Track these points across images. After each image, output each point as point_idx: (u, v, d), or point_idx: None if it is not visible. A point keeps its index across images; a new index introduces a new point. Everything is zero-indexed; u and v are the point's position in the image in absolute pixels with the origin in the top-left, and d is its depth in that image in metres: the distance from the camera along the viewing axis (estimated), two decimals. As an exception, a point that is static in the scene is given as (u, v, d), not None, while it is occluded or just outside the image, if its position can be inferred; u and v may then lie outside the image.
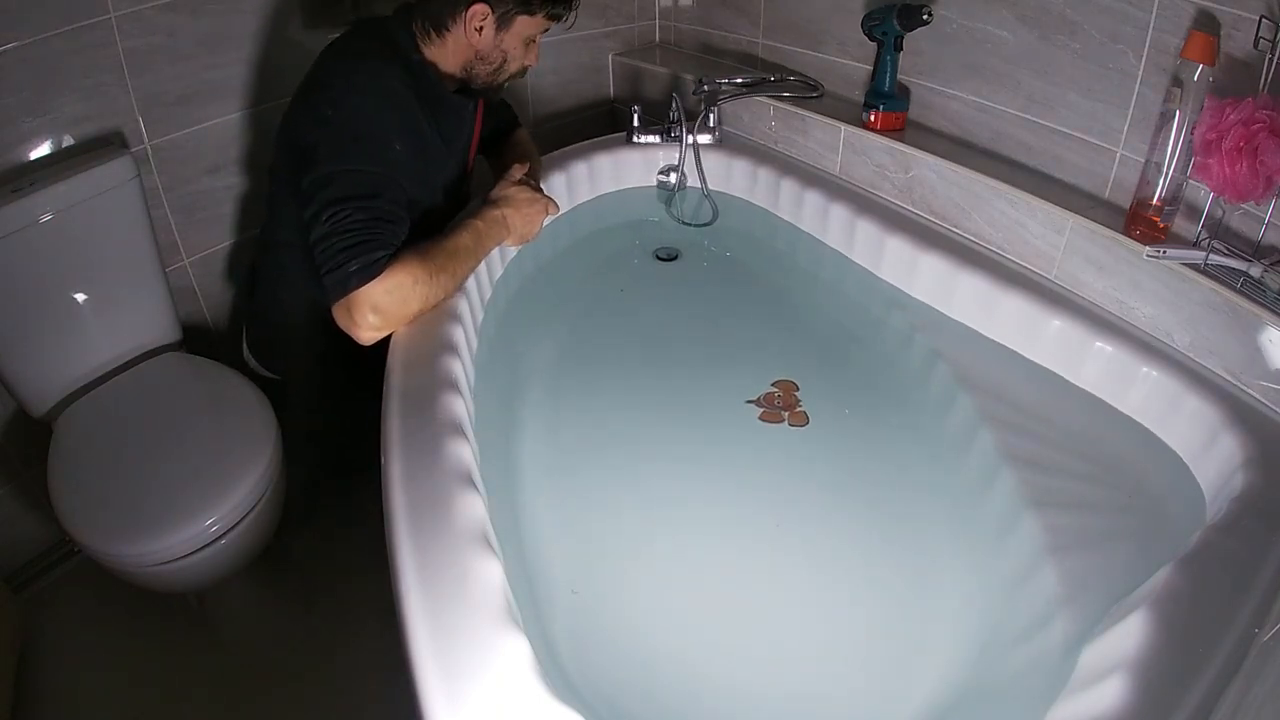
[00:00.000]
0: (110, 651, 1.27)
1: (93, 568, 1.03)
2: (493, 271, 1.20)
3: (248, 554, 1.08)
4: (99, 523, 0.99)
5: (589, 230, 1.42)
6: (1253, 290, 0.84)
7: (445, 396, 0.84)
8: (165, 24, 1.20)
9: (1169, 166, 0.89)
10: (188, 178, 1.33)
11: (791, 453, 0.96)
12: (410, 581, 0.63)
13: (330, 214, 0.90)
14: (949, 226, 1.19)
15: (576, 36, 1.80)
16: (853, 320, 1.20)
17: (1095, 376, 0.98)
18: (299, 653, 1.26)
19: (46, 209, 1.08)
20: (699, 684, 0.73)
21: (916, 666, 0.73)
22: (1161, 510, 0.84)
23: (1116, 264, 0.97)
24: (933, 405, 1.03)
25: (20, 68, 1.09)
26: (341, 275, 0.88)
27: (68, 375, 1.20)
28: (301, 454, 1.25)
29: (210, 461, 1.07)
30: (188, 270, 1.39)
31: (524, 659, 0.57)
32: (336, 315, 0.91)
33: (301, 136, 0.99)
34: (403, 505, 0.71)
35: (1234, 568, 0.67)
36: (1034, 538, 0.81)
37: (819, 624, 0.78)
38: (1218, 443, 0.84)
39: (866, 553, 0.85)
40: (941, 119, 1.27)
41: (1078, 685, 0.62)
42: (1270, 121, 0.78)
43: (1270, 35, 0.80)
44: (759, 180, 1.42)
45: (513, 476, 0.91)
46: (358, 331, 0.91)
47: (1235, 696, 0.56)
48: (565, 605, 0.77)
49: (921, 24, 1.14)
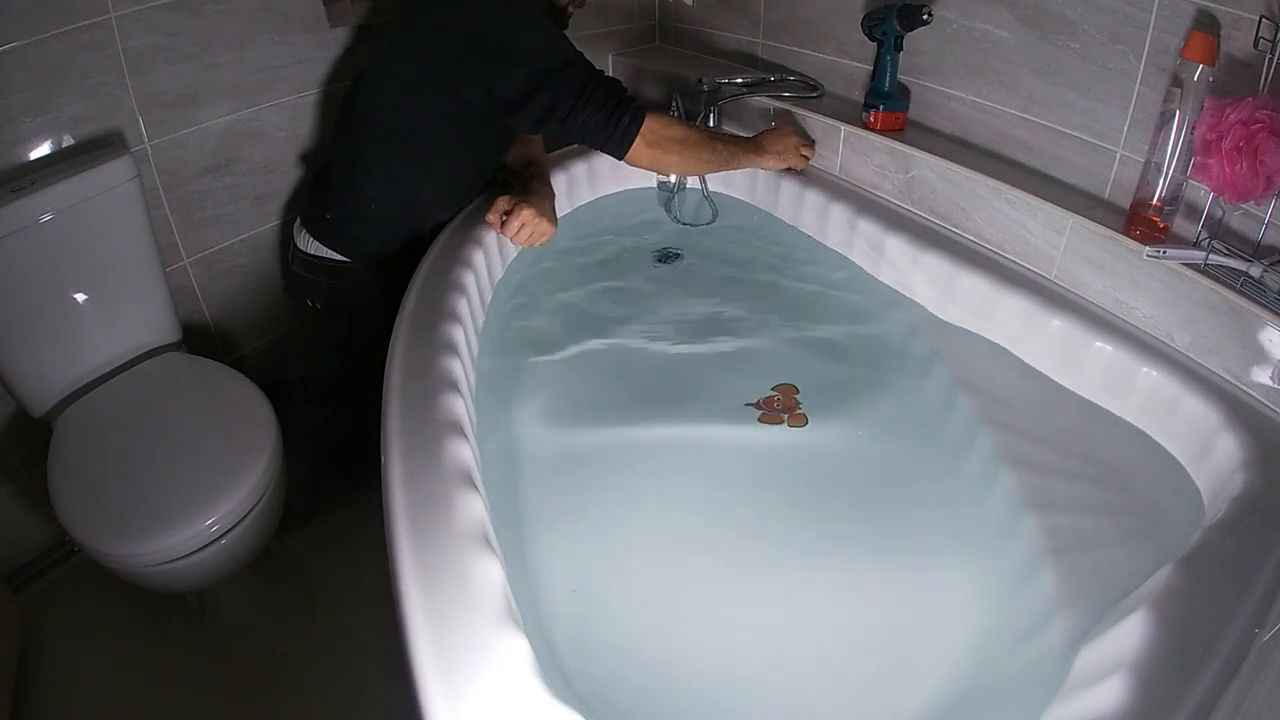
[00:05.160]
0: (110, 651, 1.27)
1: (93, 568, 1.03)
2: (494, 272, 1.20)
3: (248, 554, 1.08)
4: (99, 523, 0.99)
5: (589, 231, 1.42)
6: (1253, 290, 0.84)
7: (445, 396, 0.84)
8: (165, 24, 1.20)
9: (1169, 166, 0.89)
10: (188, 178, 1.33)
11: (791, 454, 0.96)
12: (410, 581, 0.63)
13: (585, 99, 1.06)
14: (949, 227, 1.19)
15: (577, 36, 1.79)
16: (852, 321, 1.20)
17: (1095, 377, 0.98)
18: (299, 653, 1.26)
19: (46, 209, 1.08)
20: (699, 684, 0.72)
21: (917, 666, 0.73)
22: (1161, 511, 0.84)
23: (1116, 264, 0.97)
24: (932, 406, 1.03)
25: (20, 68, 1.09)
26: (621, 132, 1.09)
27: (68, 375, 1.20)
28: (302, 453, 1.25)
29: (210, 461, 1.07)
30: (188, 270, 1.39)
31: (524, 659, 0.57)
32: (630, 159, 1.12)
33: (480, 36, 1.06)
34: (403, 505, 0.71)
35: (1234, 568, 0.67)
36: (1033, 538, 0.81)
37: (819, 624, 0.78)
38: (1217, 443, 0.84)
39: (866, 553, 0.85)
40: (941, 119, 1.27)
41: (1077, 685, 0.62)
42: (1270, 121, 0.78)
43: (1270, 35, 0.80)
44: (759, 180, 1.42)
45: (513, 476, 0.91)
46: (643, 159, 1.12)
47: (1235, 696, 0.56)
48: (565, 605, 0.77)
49: (921, 24, 1.14)
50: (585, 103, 1.07)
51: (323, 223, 1.24)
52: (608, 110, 1.08)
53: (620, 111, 1.09)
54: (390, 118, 1.15)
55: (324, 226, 1.24)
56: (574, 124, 1.08)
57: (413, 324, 0.97)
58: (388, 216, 1.23)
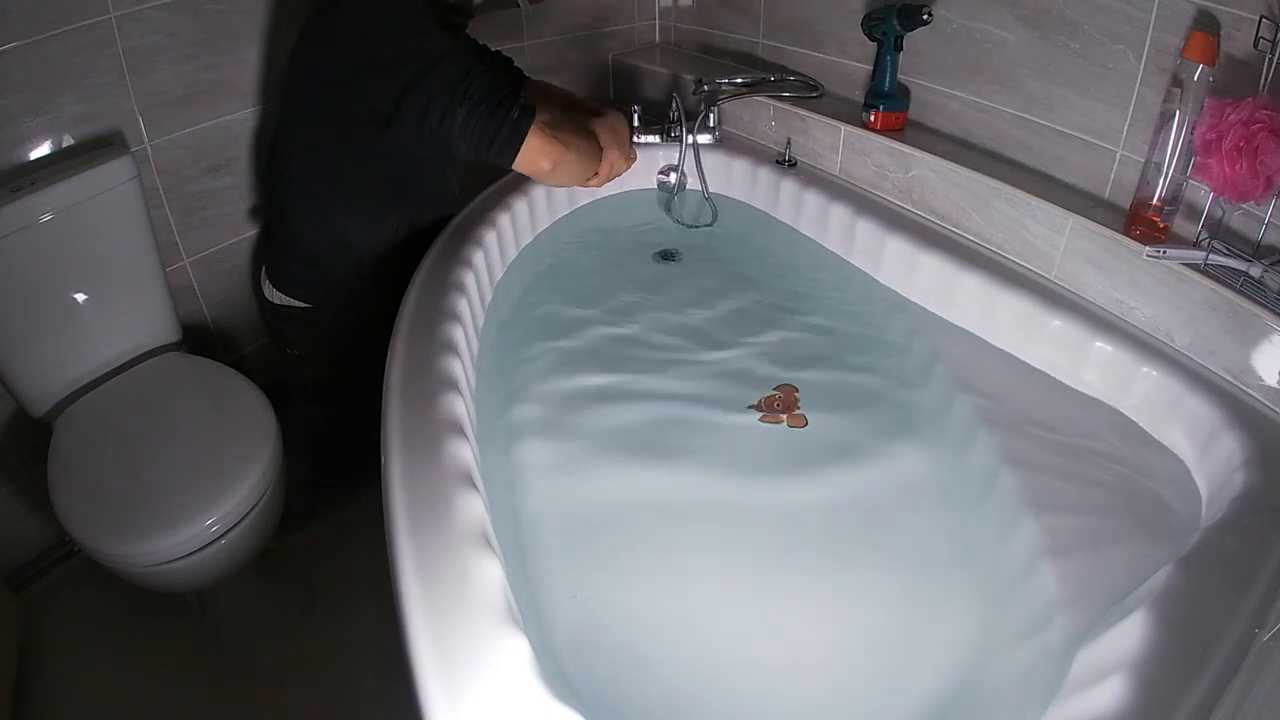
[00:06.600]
0: (110, 651, 1.27)
1: (93, 568, 1.03)
2: (493, 273, 1.20)
3: (248, 554, 1.08)
4: (99, 523, 0.99)
5: (589, 232, 1.42)
6: (1253, 290, 0.84)
7: (445, 396, 0.84)
8: (165, 24, 1.20)
9: (1169, 166, 0.89)
10: (188, 178, 1.33)
11: (791, 455, 0.96)
12: (410, 581, 0.63)
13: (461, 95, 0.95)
14: (949, 227, 1.19)
15: (577, 37, 1.80)
16: (852, 321, 1.20)
17: (1095, 377, 0.98)
18: (299, 653, 1.26)
19: (46, 209, 1.08)
20: (699, 684, 0.72)
21: (917, 666, 0.73)
22: (1161, 511, 0.84)
23: (1116, 264, 0.97)
24: (932, 407, 1.03)
25: (20, 68, 1.09)
26: (510, 128, 0.97)
27: (68, 375, 1.20)
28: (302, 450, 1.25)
29: (210, 461, 1.07)
30: (188, 270, 1.39)
31: (524, 659, 0.57)
32: (524, 162, 1.00)
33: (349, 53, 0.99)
34: (403, 505, 0.71)
35: (1234, 568, 0.67)
36: (1033, 538, 0.81)
37: (818, 624, 0.78)
38: (1217, 443, 0.84)
39: (866, 553, 0.85)
40: (941, 119, 1.27)
41: (1078, 685, 0.62)
42: (1270, 121, 0.78)
43: (1270, 35, 0.80)
44: (759, 180, 1.42)
45: (513, 476, 0.91)
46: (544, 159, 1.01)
47: (1235, 696, 0.56)
48: (565, 605, 0.77)
49: (921, 24, 1.14)
50: (463, 99, 0.94)
51: (278, 271, 1.24)
52: (490, 104, 0.95)
53: (507, 104, 0.96)
54: (301, 157, 1.12)
55: (281, 275, 1.24)
56: (452, 125, 0.96)
57: (413, 324, 0.97)
58: (329, 258, 1.20)
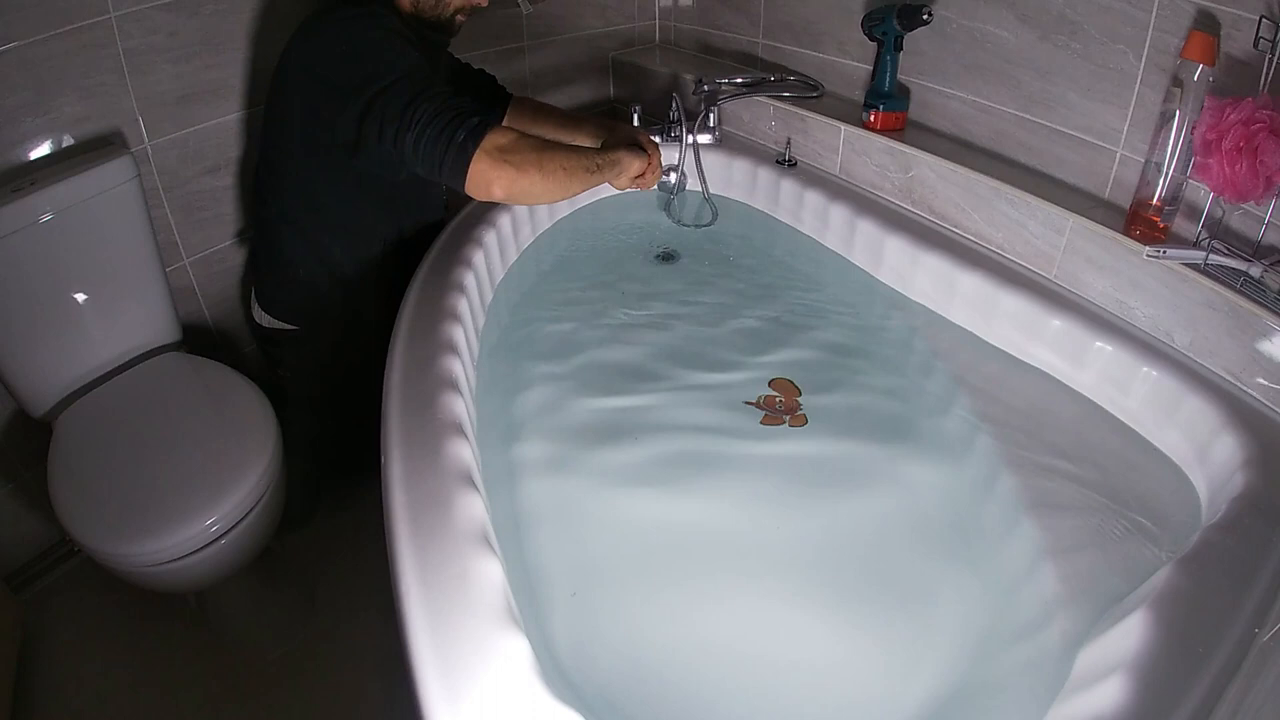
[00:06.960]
0: (110, 651, 1.27)
1: (93, 568, 1.03)
2: (494, 274, 1.21)
3: (248, 554, 1.08)
4: (99, 523, 0.99)
5: (589, 232, 1.42)
6: (1253, 290, 0.84)
7: (445, 396, 0.84)
8: (165, 24, 1.20)
9: (1169, 166, 0.89)
10: (188, 178, 1.33)
11: (792, 454, 0.96)
12: (410, 581, 0.63)
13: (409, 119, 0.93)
14: (949, 226, 1.19)
15: (577, 36, 1.80)
16: (853, 321, 1.20)
17: (1095, 377, 0.98)
18: (299, 652, 1.26)
19: (46, 209, 1.08)
20: (699, 684, 0.72)
21: (916, 666, 0.73)
22: (1161, 511, 0.84)
23: (1116, 264, 0.97)
24: (932, 406, 1.03)
25: (20, 68, 1.09)
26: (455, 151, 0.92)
27: (68, 375, 1.19)
28: (302, 453, 1.25)
29: (210, 461, 1.07)
30: (188, 270, 1.39)
31: (524, 659, 0.57)
32: (473, 187, 0.95)
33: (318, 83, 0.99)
34: (403, 505, 0.71)
35: (1234, 568, 0.67)
36: (1033, 538, 0.81)
37: (819, 623, 0.78)
38: (1218, 442, 0.84)
39: (866, 553, 0.85)
40: (941, 119, 1.27)
41: (1077, 685, 0.62)
42: (1270, 121, 0.78)
43: (1270, 35, 0.80)
44: (759, 180, 1.42)
45: (513, 476, 0.91)
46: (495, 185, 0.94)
47: (1235, 696, 0.56)
48: (565, 606, 0.77)
49: (921, 24, 1.14)
50: (412, 121, 0.92)
51: (267, 295, 1.24)
52: (439, 125, 0.92)
53: (454, 126, 0.92)
54: (283, 184, 1.13)
55: (269, 299, 1.24)
56: (404, 148, 0.94)
57: (413, 324, 0.97)
58: (316, 282, 1.20)
